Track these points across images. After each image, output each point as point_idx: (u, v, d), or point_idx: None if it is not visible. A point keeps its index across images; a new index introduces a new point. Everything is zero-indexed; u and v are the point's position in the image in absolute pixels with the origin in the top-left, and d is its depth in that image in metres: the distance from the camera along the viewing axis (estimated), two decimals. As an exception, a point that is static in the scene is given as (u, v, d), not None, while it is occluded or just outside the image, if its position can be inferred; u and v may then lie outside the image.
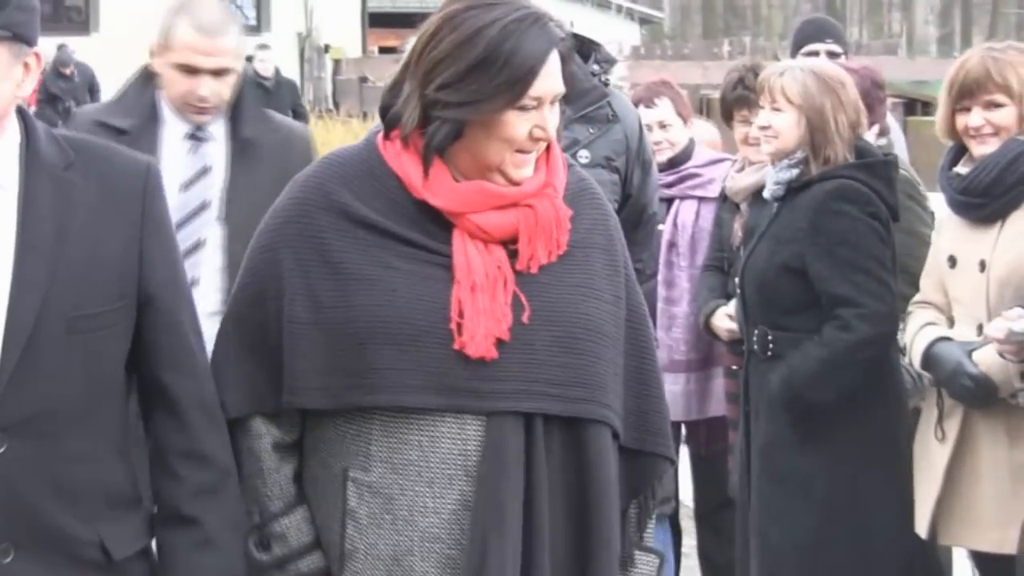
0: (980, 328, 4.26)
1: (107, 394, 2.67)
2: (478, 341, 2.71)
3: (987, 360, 4.15)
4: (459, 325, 2.72)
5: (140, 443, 2.79)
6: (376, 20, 33.03)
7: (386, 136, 2.82)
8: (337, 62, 28.45)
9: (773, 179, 4.69)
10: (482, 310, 2.73)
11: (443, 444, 2.74)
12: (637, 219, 4.52)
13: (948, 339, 4.33)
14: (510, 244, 2.79)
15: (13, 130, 2.62)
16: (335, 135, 18.43)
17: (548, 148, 2.84)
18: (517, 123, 2.73)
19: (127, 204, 2.67)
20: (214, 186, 4.14)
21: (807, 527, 4.57)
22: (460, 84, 2.70)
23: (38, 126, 2.66)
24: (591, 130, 4.36)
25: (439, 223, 2.78)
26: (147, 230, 2.68)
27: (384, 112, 2.82)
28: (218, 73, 4.10)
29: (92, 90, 21.06)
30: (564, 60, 2.76)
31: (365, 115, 21.66)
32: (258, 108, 4.31)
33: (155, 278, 2.69)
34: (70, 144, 2.67)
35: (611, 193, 4.30)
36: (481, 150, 2.76)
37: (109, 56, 22.17)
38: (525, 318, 2.76)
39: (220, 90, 4.12)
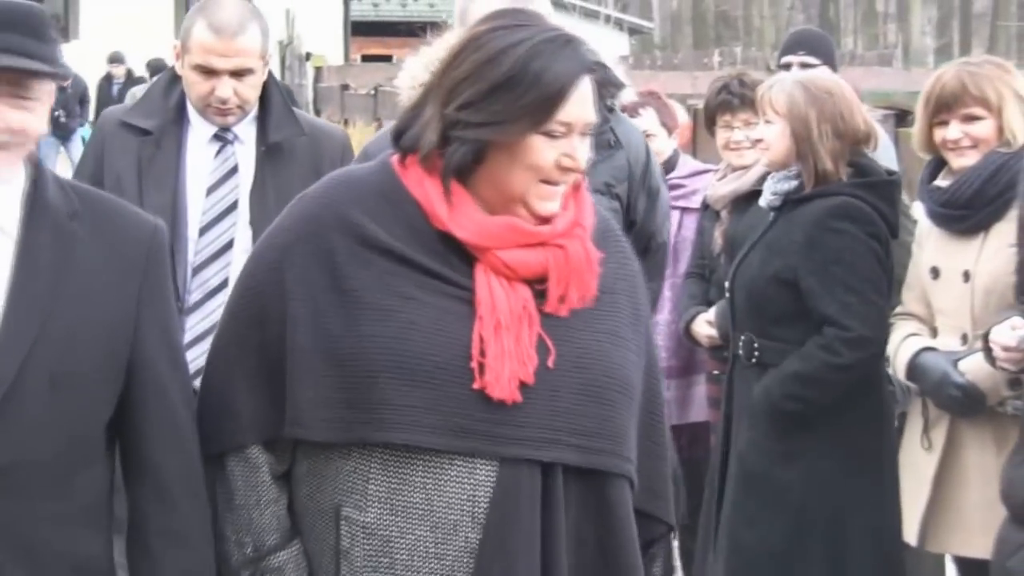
0: (964, 338, 4.32)
1: (85, 458, 2.57)
2: (502, 383, 2.56)
3: (974, 369, 4.18)
4: (481, 364, 2.56)
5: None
6: (359, 28, 33.04)
7: (402, 161, 2.66)
8: (318, 70, 28.40)
9: (771, 189, 4.70)
10: (506, 350, 2.57)
11: (450, 487, 2.58)
12: (644, 248, 4.29)
13: (933, 349, 4.36)
14: (535, 284, 2.63)
15: (20, 172, 2.55)
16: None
17: (576, 186, 2.69)
18: (543, 149, 2.58)
19: (129, 265, 2.58)
20: (241, 187, 4.06)
21: (781, 535, 4.56)
22: (483, 104, 2.56)
23: (46, 171, 2.59)
24: (590, 155, 4.01)
25: (461, 255, 2.62)
26: (145, 295, 2.59)
27: (398, 135, 2.67)
28: (238, 74, 4.02)
29: (82, 101, 21.24)
30: (599, 89, 2.63)
31: (346, 122, 21.53)
32: (287, 111, 4.18)
33: (148, 345, 2.60)
34: (76, 193, 2.60)
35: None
36: (504, 178, 2.60)
37: (88, 63, 22.12)
38: (550, 362, 2.61)
39: (242, 91, 4.03)
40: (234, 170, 4.08)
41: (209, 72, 4.00)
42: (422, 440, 2.55)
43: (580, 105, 2.59)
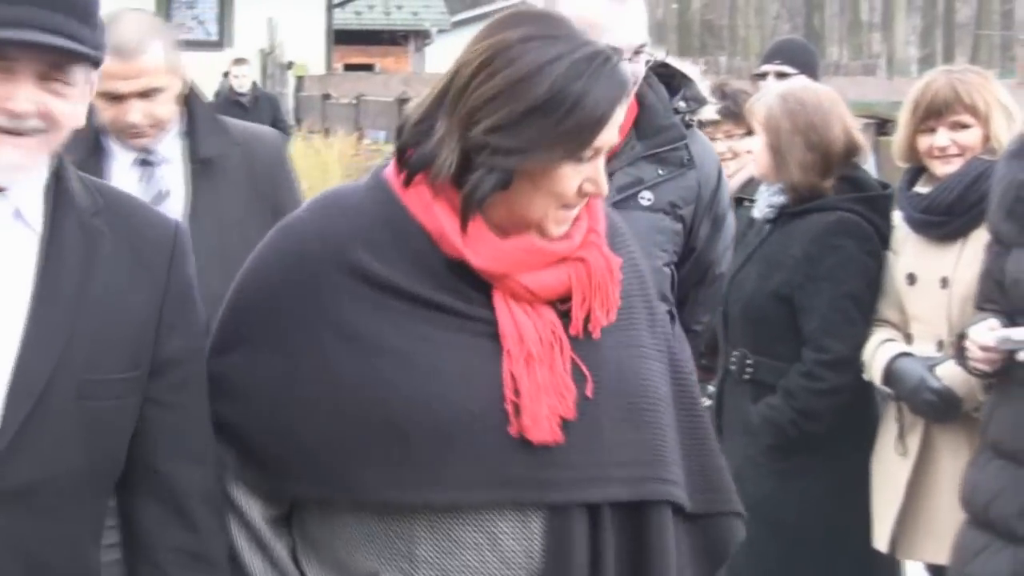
0: (940, 344, 4.32)
1: (104, 475, 2.39)
2: (542, 423, 2.33)
3: (950, 375, 4.18)
4: (515, 405, 2.33)
5: None
6: (341, 37, 32.93)
7: (407, 181, 2.38)
8: (300, 78, 28.34)
9: (765, 201, 4.67)
10: (542, 385, 2.34)
11: (505, 543, 2.35)
12: (701, 277, 4.00)
13: (909, 354, 4.36)
14: (558, 304, 2.40)
15: (43, 165, 2.37)
16: (296, 151, 18.31)
17: None
18: (570, 176, 2.34)
19: (153, 266, 2.41)
20: (174, 212, 3.74)
21: (775, 559, 4.52)
22: (516, 128, 2.28)
23: (68, 164, 2.42)
24: (660, 171, 3.80)
25: (474, 284, 2.36)
26: (170, 298, 2.41)
27: (403, 151, 2.39)
28: (146, 94, 3.81)
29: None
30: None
31: (327, 131, 21.51)
32: (214, 121, 3.98)
33: (170, 347, 2.40)
34: (97, 188, 2.44)
35: (672, 243, 3.83)
36: (524, 204, 2.35)
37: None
38: (589, 390, 2.38)
39: (153, 111, 3.82)
40: (163, 193, 3.86)
41: (115, 97, 3.79)
42: (464, 498, 2.33)
43: (613, 129, 2.35)
